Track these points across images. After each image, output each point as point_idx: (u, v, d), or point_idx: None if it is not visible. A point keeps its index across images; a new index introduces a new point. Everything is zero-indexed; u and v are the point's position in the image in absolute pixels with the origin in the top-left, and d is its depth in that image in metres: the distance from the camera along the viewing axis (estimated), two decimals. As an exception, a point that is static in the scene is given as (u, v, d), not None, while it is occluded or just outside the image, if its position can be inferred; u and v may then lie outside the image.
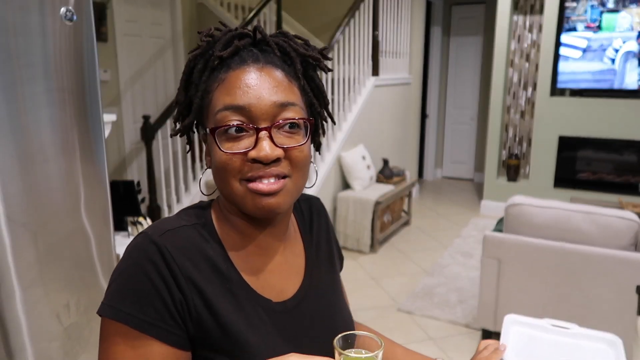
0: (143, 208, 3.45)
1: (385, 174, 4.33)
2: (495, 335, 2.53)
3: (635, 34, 4.10)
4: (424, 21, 5.32)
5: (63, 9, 1.15)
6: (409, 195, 4.64)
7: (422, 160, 6.39)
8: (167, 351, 0.59)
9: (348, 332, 0.56)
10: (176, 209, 3.89)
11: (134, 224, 1.85)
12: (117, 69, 4.28)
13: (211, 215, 0.69)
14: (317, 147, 0.77)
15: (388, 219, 4.18)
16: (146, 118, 3.54)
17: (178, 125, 0.70)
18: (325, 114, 0.74)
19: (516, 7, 4.76)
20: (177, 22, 4.85)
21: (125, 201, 1.72)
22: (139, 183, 2.10)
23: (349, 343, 0.58)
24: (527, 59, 4.81)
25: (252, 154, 0.61)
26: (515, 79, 4.89)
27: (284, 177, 0.63)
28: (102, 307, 0.61)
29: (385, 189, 4.09)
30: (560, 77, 4.43)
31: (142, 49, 4.55)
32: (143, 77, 4.60)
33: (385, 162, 4.39)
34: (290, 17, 5.43)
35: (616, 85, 4.24)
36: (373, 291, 3.27)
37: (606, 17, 4.18)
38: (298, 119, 0.64)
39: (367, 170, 4.10)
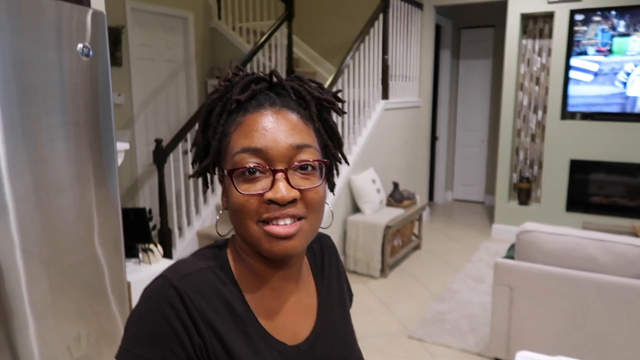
0: (154, 233, 3.47)
1: (396, 197, 4.32)
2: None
3: (645, 58, 4.10)
4: (434, 44, 5.37)
5: (80, 45, 1.19)
6: (420, 219, 4.61)
7: (432, 183, 6.37)
8: None
9: None
10: (187, 231, 3.91)
11: (145, 251, 1.86)
12: (131, 93, 4.36)
13: (227, 255, 0.70)
14: (332, 188, 0.78)
15: (398, 243, 4.16)
16: (158, 142, 3.59)
17: (196, 167, 0.71)
18: (340, 155, 0.75)
19: (525, 31, 4.79)
20: (189, 45, 4.94)
21: (136, 228, 1.73)
22: (150, 210, 2.12)
23: None
24: (537, 82, 4.82)
25: (269, 195, 0.62)
26: (525, 102, 4.89)
27: (299, 218, 0.64)
28: (121, 351, 0.61)
29: (396, 212, 4.08)
30: (570, 101, 4.42)
31: (155, 72, 4.63)
32: (156, 100, 4.67)
33: (396, 185, 4.38)
34: (301, 41, 5.51)
35: (628, 109, 4.23)
36: (383, 316, 3.23)
37: (617, 41, 4.19)
38: (313, 160, 0.65)
39: (377, 193, 4.10)
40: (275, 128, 0.64)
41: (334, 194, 0.81)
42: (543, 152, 4.75)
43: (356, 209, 4.12)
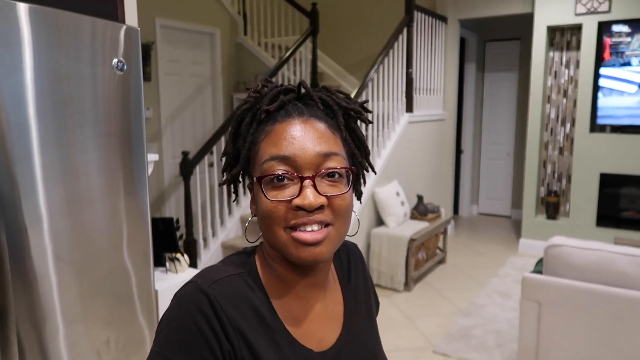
0: (180, 243, 3.52)
1: (420, 210, 4.29)
2: (537, 383, 2.41)
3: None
4: (458, 58, 5.35)
5: (115, 60, 1.23)
6: (444, 232, 4.56)
7: (457, 197, 6.30)
8: None
9: None
10: (212, 242, 3.96)
11: (172, 260, 1.89)
12: (159, 107, 4.46)
13: (255, 262, 0.71)
14: (359, 197, 0.78)
15: (423, 257, 4.11)
16: (185, 154, 3.66)
17: (226, 175, 0.73)
18: (367, 163, 0.76)
19: (552, 43, 4.74)
20: (216, 61, 5.05)
21: (164, 238, 1.77)
22: (177, 220, 2.16)
23: None
24: (565, 94, 4.74)
25: (297, 201, 0.63)
26: (552, 115, 4.81)
27: (327, 225, 0.65)
28: (152, 354, 0.62)
29: (420, 225, 4.05)
30: (599, 113, 4.34)
31: (183, 87, 4.74)
32: (183, 113, 4.77)
33: (420, 198, 4.36)
34: (326, 55, 5.57)
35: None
36: (407, 331, 3.19)
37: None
38: (340, 168, 0.66)
39: (401, 206, 4.08)
40: (303, 137, 0.65)
41: (360, 203, 0.82)
42: (572, 165, 4.66)
43: (380, 221, 4.10)
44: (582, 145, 4.47)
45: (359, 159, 0.73)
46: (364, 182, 0.79)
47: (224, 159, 0.74)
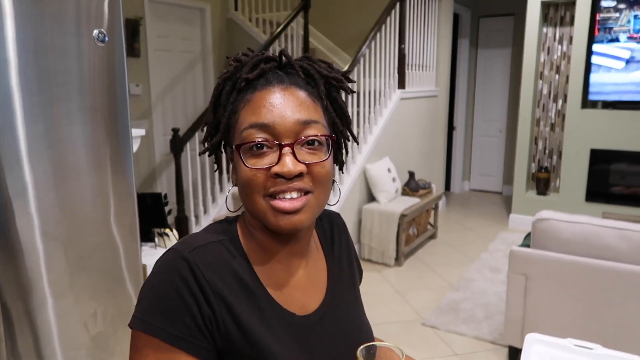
0: (170, 219, 3.53)
1: (411, 186, 4.31)
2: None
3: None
4: (452, 34, 5.31)
5: (96, 31, 1.22)
6: (436, 208, 4.59)
7: (449, 173, 6.33)
8: None
9: (371, 343, 0.55)
10: (203, 219, 3.97)
11: (161, 235, 1.89)
12: (149, 83, 4.41)
13: (237, 230, 0.72)
14: (340, 166, 0.79)
15: (414, 232, 4.15)
16: (175, 131, 3.63)
17: (207, 145, 0.72)
18: (348, 132, 0.76)
19: (545, 19, 4.70)
20: (206, 37, 4.97)
21: (152, 213, 1.77)
22: (166, 195, 2.16)
23: (371, 354, 0.58)
24: (557, 71, 4.73)
25: (275, 169, 0.63)
26: (545, 91, 4.81)
27: (306, 192, 0.65)
28: (134, 320, 0.63)
29: (411, 201, 4.07)
30: (591, 90, 4.34)
31: (173, 63, 4.68)
32: (173, 90, 4.73)
33: (411, 174, 4.37)
34: (318, 31, 5.50)
35: (651, 97, 4.13)
36: (397, 305, 3.24)
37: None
38: (320, 135, 0.66)
39: (393, 182, 4.09)
40: (283, 104, 0.65)
41: (342, 172, 0.82)
42: (562, 141, 4.68)
43: (371, 197, 4.12)
44: (573, 121, 4.48)
45: (339, 128, 0.73)
46: (347, 152, 0.79)
47: (205, 129, 0.73)
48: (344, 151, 0.77)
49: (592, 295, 2.24)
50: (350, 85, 0.76)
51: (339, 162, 0.78)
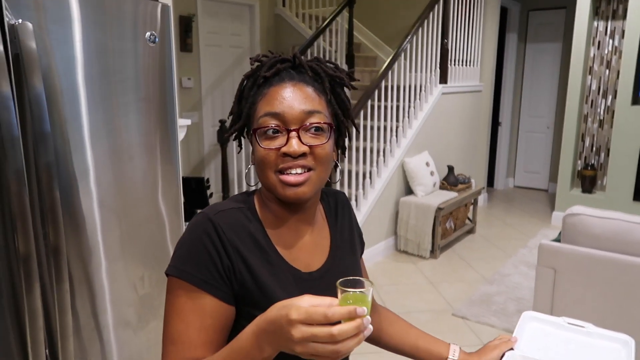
0: (211, 199, 3.74)
1: (450, 181, 4.34)
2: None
3: None
4: (498, 28, 5.25)
5: (148, 33, 1.39)
6: (475, 203, 4.60)
7: (492, 169, 6.26)
8: (216, 303, 0.77)
9: (349, 277, 0.65)
10: (247, 207, 4.17)
11: (204, 216, 2.08)
12: (200, 77, 4.67)
13: (254, 200, 0.87)
14: (343, 151, 0.94)
15: (450, 226, 4.19)
16: (222, 122, 3.85)
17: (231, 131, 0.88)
18: (349, 122, 0.90)
19: (596, 12, 4.58)
20: (255, 32, 5.18)
21: (195, 195, 1.95)
22: (208, 179, 2.34)
23: (349, 284, 0.66)
24: (608, 66, 4.60)
25: (284, 149, 0.78)
26: (593, 86, 4.69)
27: (309, 169, 0.80)
28: (169, 268, 0.78)
29: (449, 195, 4.11)
30: (642, 85, 4.20)
31: (222, 58, 4.91)
32: (222, 84, 4.96)
33: (450, 169, 4.40)
34: (362, 26, 5.58)
35: None
36: (429, 295, 3.32)
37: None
38: (321, 123, 0.80)
39: (431, 176, 4.14)
40: (292, 97, 0.80)
41: (345, 156, 0.95)
42: (611, 138, 4.55)
43: (409, 190, 4.19)
44: (622, 118, 4.36)
45: (340, 118, 0.87)
46: (349, 139, 0.94)
47: (229, 118, 0.89)
48: (346, 137, 0.91)
49: (621, 291, 2.24)
50: (352, 82, 0.90)
51: (342, 147, 0.92)
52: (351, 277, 0.66)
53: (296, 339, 0.59)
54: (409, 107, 4.19)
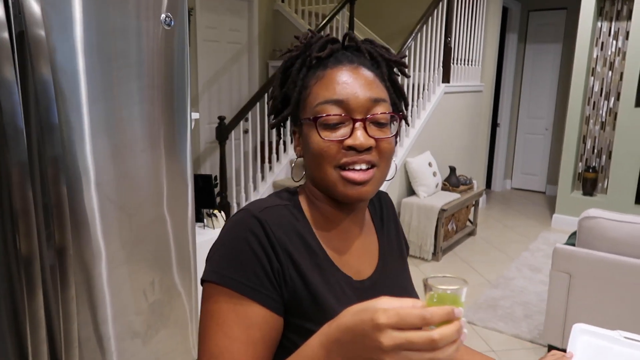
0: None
1: (452, 182, 4.27)
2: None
3: None
4: (499, 27, 5.20)
5: (163, 15, 1.28)
6: (476, 205, 4.54)
7: (490, 171, 6.21)
8: (265, 314, 0.65)
9: (437, 275, 0.55)
10: (245, 206, 4.06)
11: (210, 216, 1.97)
12: (197, 72, 4.54)
13: (299, 199, 0.76)
14: (395, 143, 0.83)
15: (452, 228, 4.12)
16: (221, 119, 3.73)
17: (272, 118, 0.78)
18: (405, 113, 0.80)
19: (600, 13, 4.54)
20: (253, 28, 5.06)
21: (203, 194, 1.84)
22: (216, 177, 2.23)
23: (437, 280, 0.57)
24: (611, 67, 4.57)
25: (349, 142, 0.68)
26: (596, 88, 4.65)
27: (372, 166, 0.70)
28: (208, 273, 0.67)
29: (451, 197, 4.04)
30: (646, 87, 4.17)
31: (220, 53, 4.79)
32: (219, 80, 4.84)
33: (452, 170, 4.33)
34: (363, 24, 5.50)
35: None
36: (434, 299, 3.23)
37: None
38: (389, 113, 0.71)
39: (433, 177, 4.07)
40: (354, 82, 0.69)
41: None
42: (613, 141, 4.52)
43: (411, 191, 4.11)
44: (625, 120, 4.32)
45: (399, 109, 0.77)
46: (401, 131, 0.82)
47: (270, 103, 0.78)
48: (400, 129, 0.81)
49: (638, 296, 2.18)
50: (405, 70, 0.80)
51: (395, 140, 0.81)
52: (439, 275, 0.55)
53: (386, 347, 0.48)
54: (412, 106, 4.11)
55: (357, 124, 0.68)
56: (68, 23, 1.16)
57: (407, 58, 3.95)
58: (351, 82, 0.69)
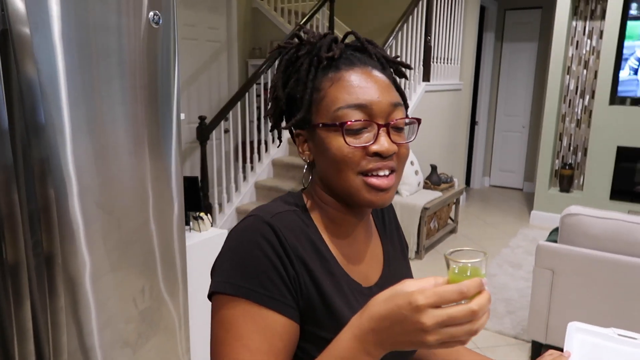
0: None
1: (433, 180, 4.30)
2: (546, 349, 2.47)
3: None
4: (477, 26, 5.26)
5: (151, 13, 1.24)
6: (457, 203, 4.58)
7: (469, 168, 6.29)
8: (285, 322, 0.63)
9: (455, 249, 0.56)
10: (226, 207, 4.01)
11: (196, 218, 1.93)
12: (175, 71, 4.46)
13: (305, 204, 0.74)
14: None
15: (434, 226, 4.15)
16: (202, 119, 3.67)
17: (272, 119, 0.74)
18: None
19: (575, 12, 4.63)
20: (232, 26, 5.00)
21: (189, 196, 1.80)
22: (201, 179, 2.19)
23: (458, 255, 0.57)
24: (586, 66, 4.67)
25: (375, 148, 0.66)
26: (571, 86, 4.75)
27: (392, 171, 0.68)
28: (219, 285, 0.64)
29: (433, 195, 4.07)
30: (620, 86, 4.27)
31: (199, 52, 4.72)
32: (198, 79, 4.77)
33: (434, 168, 4.36)
34: (343, 23, 5.49)
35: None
36: (419, 297, 3.25)
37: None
38: (409, 118, 0.70)
39: (415, 176, 4.09)
40: (373, 86, 0.67)
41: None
42: (588, 138, 4.62)
43: (394, 190, 4.12)
44: (600, 117, 4.42)
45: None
46: None
47: (271, 103, 0.74)
48: None
49: (621, 292, 2.23)
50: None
51: None
52: (458, 249, 0.56)
53: (429, 326, 0.50)
54: (394, 104, 4.11)
55: (382, 130, 0.66)
56: (45, 18, 1.10)
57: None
58: (370, 86, 0.67)
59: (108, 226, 1.27)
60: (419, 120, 0.71)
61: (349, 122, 0.65)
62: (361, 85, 0.67)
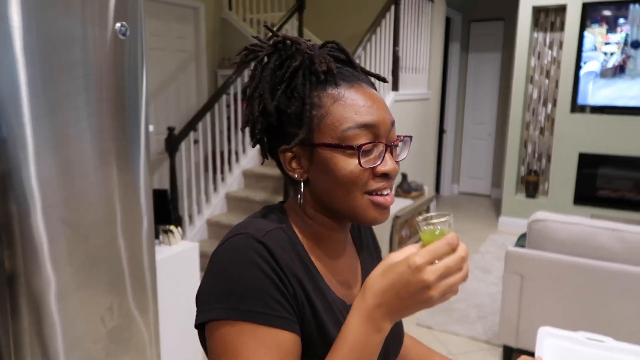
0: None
1: (404, 188, 4.35)
2: (517, 353, 2.52)
3: (657, 52, 4.10)
4: (444, 36, 5.37)
5: (118, 25, 1.21)
6: (427, 210, 4.64)
7: (438, 176, 6.39)
8: (294, 339, 0.61)
9: (424, 215, 0.62)
10: (197, 219, 3.95)
11: (166, 232, 1.89)
12: (143, 82, 4.38)
13: (289, 220, 0.71)
14: None
15: (406, 234, 4.19)
16: (171, 130, 3.62)
17: (258, 133, 0.68)
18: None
19: (536, 24, 4.79)
20: (200, 36, 4.96)
21: (158, 209, 1.76)
22: (171, 192, 2.14)
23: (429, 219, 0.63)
24: (547, 75, 4.82)
25: (382, 168, 0.65)
26: (535, 95, 4.90)
27: (391, 188, 0.69)
28: (218, 311, 0.60)
29: (404, 203, 4.11)
30: (580, 94, 4.43)
31: (167, 62, 4.66)
32: (167, 89, 4.70)
33: (404, 176, 4.41)
34: (312, 33, 5.52)
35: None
36: (392, 305, 3.26)
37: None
38: (404, 136, 0.71)
39: (387, 184, 4.12)
40: (375, 104, 0.66)
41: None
42: (552, 145, 4.76)
43: (365, 199, 4.14)
44: (562, 125, 4.57)
45: None
46: None
47: (255, 117, 0.67)
48: None
49: (587, 295, 2.29)
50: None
51: None
52: (426, 214, 0.63)
53: (431, 281, 0.55)
54: (364, 114, 4.14)
55: (387, 149, 0.67)
56: (6, 29, 1.07)
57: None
58: (375, 104, 0.66)
59: (74, 243, 1.23)
60: (411, 138, 0.72)
61: (364, 145, 0.64)
62: (366, 104, 0.65)
